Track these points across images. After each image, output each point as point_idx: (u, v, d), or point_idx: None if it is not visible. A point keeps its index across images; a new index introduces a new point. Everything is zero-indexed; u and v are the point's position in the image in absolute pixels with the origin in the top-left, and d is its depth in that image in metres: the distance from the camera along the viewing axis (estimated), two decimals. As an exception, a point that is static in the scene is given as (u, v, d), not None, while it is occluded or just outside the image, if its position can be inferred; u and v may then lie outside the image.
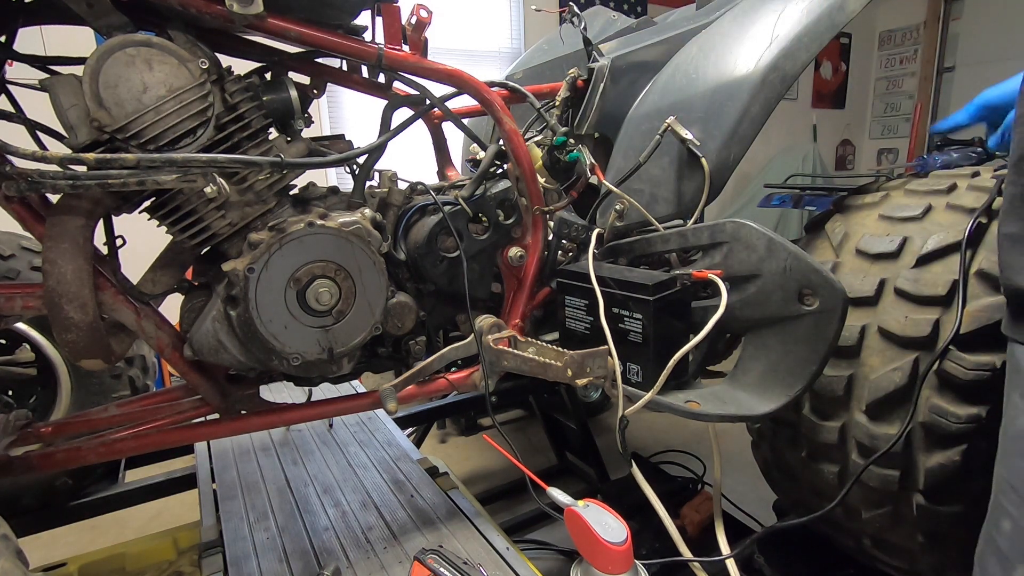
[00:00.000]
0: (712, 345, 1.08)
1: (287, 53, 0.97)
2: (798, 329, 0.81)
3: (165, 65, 0.77)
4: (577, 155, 1.11)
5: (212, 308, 0.87)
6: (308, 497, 1.23)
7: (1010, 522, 0.56)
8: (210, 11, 0.78)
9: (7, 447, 0.88)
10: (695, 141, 0.98)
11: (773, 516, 1.36)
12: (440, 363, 0.96)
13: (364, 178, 0.99)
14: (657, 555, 1.41)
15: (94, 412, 0.97)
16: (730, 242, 0.88)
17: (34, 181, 0.72)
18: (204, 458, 1.43)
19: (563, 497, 0.84)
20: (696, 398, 0.86)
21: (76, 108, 0.75)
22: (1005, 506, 0.57)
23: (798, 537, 1.22)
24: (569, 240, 1.12)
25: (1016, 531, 0.55)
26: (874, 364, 0.86)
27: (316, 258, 0.86)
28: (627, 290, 0.89)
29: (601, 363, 0.87)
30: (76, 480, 1.30)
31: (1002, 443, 0.59)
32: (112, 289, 0.84)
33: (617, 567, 0.76)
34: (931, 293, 0.81)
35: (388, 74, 1.02)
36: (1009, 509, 0.56)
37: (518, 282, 1.13)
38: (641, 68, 1.25)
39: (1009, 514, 0.56)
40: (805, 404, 0.95)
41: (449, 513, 1.14)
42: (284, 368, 0.91)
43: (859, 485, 0.89)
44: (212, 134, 0.80)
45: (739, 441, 1.46)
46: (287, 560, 1.02)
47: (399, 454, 1.40)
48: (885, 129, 5.40)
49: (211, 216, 0.84)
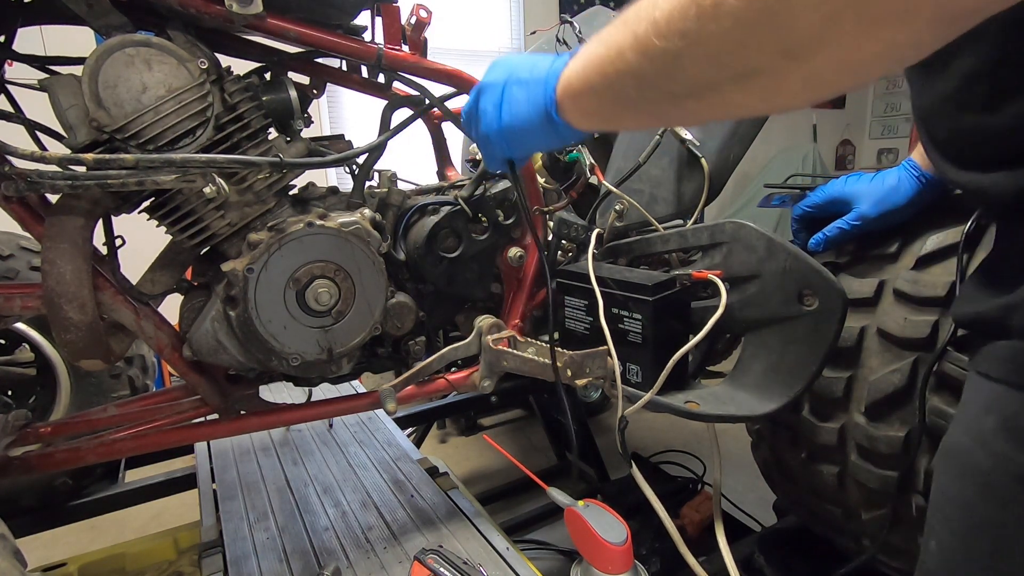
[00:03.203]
0: (712, 345, 1.08)
1: (287, 53, 0.97)
2: (798, 330, 0.81)
3: (164, 65, 0.77)
4: (577, 155, 1.11)
5: (211, 308, 0.87)
6: (308, 497, 1.23)
7: (935, 542, 0.53)
8: (209, 11, 0.78)
9: (6, 447, 0.88)
10: (695, 141, 0.98)
11: (773, 516, 1.36)
12: (440, 363, 0.96)
13: (364, 178, 0.99)
14: (657, 555, 1.41)
15: (93, 412, 0.97)
16: (730, 242, 0.88)
17: (33, 181, 0.72)
18: (204, 458, 1.43)
19: (563, 497, 0.84)
20: (696, 398, 0.86)
21: (75, 108, 0.75)
22: (933, 525, 0.54)
23: (798, 537, 1.22)
24: (569, 240, 1.12)
25: (941, 551, 0.52)
26: (873, 365, 0.86)
27: (315, 258, 0.86)
28: (627, 290, 0.89)
29: (601, 363, 0.87)
30: (76, 480, 1.30)
31: (935, 460, 0.57)
32: (111, 289, 0.84)
33: (617, 567, 0.76)
34: (930, 295, 0.81)
35: (388, 74, 1.02)
36: (936, 528, 0.53)
37: (518, 282, 1.13)
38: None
39: (936, 532, 0.53)
40: (804, 405, 0.95)
41: (449, 513, 1.14)
42: (283, 368, 0.91)
43: (858, 486, 0.89)
44: (211, 134, 0.80)
45: (739, 441, 1.46)
46: (287, 560, 1.02)
47: (399, 454, 1.40)
48: (885, 129, 5.40)
49: (210, 216, 0.84)
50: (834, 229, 0.90)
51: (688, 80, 0.39)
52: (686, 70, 0.39)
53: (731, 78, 0.37)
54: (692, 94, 0.40)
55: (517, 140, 0.60)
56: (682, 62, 0.38)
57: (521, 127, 0.59)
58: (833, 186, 0.92)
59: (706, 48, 0.36)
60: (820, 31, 0.31)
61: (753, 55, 0.35)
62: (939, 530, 0.53)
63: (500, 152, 0.65)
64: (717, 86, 0.38)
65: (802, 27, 0.32)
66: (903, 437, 0.82)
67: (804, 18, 0.31)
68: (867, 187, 0.87)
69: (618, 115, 0.52)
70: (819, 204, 0.93)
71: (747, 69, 0.36)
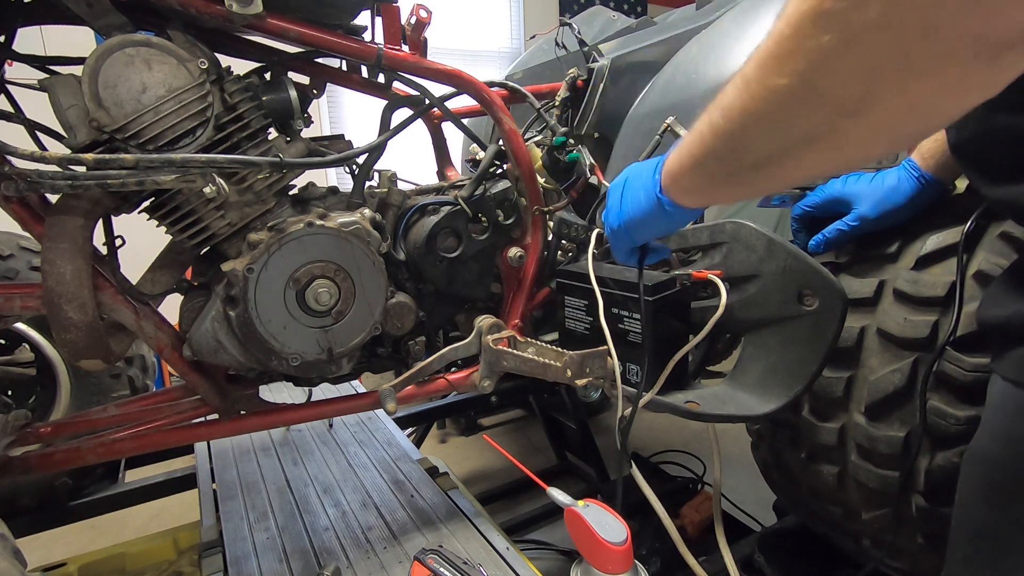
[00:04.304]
0: (712, 345, 1.08)
1: (286, 53, 0.97)
2: (798, 329, 0.81)
3: (164, 65, 0.77)
4: (577, 155, 1.11)
5: (211, 308, 0.87)
6: (308, 497, 1.23)
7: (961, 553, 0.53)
8: (209, 11, 0.78)
9: (6, 447, 0.88)
10: (695, 141, 0.98)
11: (773, 516, 1.36)
12: (440, 363, 0.96)
13: (364, 178, 0.99)
14: (657, 555, 1.41)
15: (93, 412, 0.97)
16: (729, 242, 0.88)
17: (33, 181, 0.72)
18: (204, 458, 1.43)
19: (563, 497, 0.83)
20: (696, 398, 0.86)
21: (75, 108, 0.75)
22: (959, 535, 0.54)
23: (798, 537, 1.22)
24: (569, 240, 1.12)
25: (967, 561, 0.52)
26: (873, 365, 0.86)
27: (315, 258, 0.86)
28: (627, 290, 0.89)
29: (600, 363, 0.87)
30: (76, 480, 1.30)
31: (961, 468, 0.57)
32: (111, 289, 0.84)
33: (617, 567, 0.76)
34: (930, 295, 0.81)
35: (388, 74, 1.02)
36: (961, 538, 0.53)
37: (518, 282, 1.13)
38: (641, 68, 1.25)
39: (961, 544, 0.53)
40: (804, 405, 0.95)
41: (449, 513, 1.14)
42: (283, 368, 0.90)
43: (858, 486, 0.89)
44: (211, 134, 0.80)
45: (739, 441, 1.46)
46: (287, 560, 1.02)
47: (399, 454, 1.40)
48: (885, 129, 5.39)
49: (210, 216, 0.84)
50: (834, 230, 0.90)
51: (758, 151, 0.43)
52: (753, 143, 0.43)
53: (795, 145, 0.40)
54: (767, 163, 0.44)
55: (636, 227, 0.68)
56: (748, 138, 0.43)
57: (638, 215, 0.66)
58: (832, 186, 0.92)
59: (764, 123, 0.41)
60: (863, 91, 0.33)
61: (806, 124, 0.38)
62: (965, 540, 0.52)
63: (627, 243, 0.72)
64: (787, 152, 0.41)
65: (844, 90, 0.33)
66: (903, 437, 0.82)
67: (845, 82, 0.33)
68: (867, 187, 0.87)
69: (714, 189, 0.56)
70: (819, 204, 0.93)
71: (806, 136, 0.38)
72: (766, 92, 0.38)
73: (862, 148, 0.38)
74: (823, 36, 0.32)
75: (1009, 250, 0.76)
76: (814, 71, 0.34)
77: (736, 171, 0.48)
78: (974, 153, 0.56)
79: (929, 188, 0.84)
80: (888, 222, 0.87)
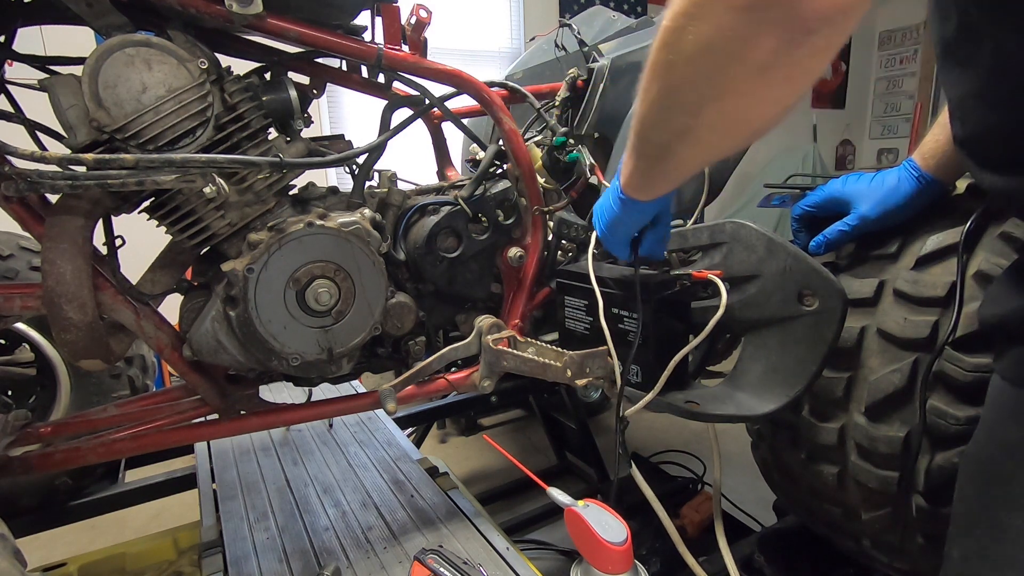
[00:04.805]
0: (712, 345, 1.08)
1: (286, 53, 0.97)
2: (798, 330, 0.81)
3: (164, 65, 0.77)
4: (577, 155, 1.11)
5: (211, 308, 0.87)
6: (308, 497, 1.23)
7: (958, 551, 0.53)
8: (209, 11, 0.78)
9: (6, 447, 0.87)
10: (695, 141, 0.98)
11: (773, 516, 1.36)
12: (440, 363, 0.96)
13: (364, 178, 0.99)
14: (657, 555, 1.41)
15: (93, 412, 0.97)
16: (730, 242, 0.88)
17: (33, 181, 0.72)
18: (204, 458, 1.43)
19: (563, 497, 0.83)
20: (696, 398, 0.86)
21: (75, 108, 0.75)
22: (955, 534, 0.54)
23: (798, 537, 1.22)
24: (569, 240, 1.12)
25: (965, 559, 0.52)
26: (873, 365, 0.86)
27: (315, 258, 0.86)
28: (627, 290, 0.89)
29: (601, 363, 0.87)
30: (76, 480, 1.30)
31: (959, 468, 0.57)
32: (111, 289, 0.84)
33: (617, 567, 0.76)
34: (930, 295, 0.81)
35: (388, 74, 1.02)
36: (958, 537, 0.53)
37: (518, 282, 1.13)
38: (641, 68, 1.25)
39: (958, 542, 0.53)
40: (804, 405, 0.95)
41: (449, 513, 1.14)
42: (283, 368, 0.90)
43: (858, 486, 0.89)
44: (211, 134, 0.80)
45: (739, 441, 1.46)
46: (287, 560, 1.02)
47: (399, 454, 1.40)
48: (885, 129, 5.39)
49: (210, 216, 0.84)
50: (834, 231, 0.90)
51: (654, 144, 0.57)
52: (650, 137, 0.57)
53: (671, 139, 0.53)
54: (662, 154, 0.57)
55: (615, 227, 0.78)
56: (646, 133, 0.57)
57: (614, 218, 0.76)
58: (832, 186, 0.91)
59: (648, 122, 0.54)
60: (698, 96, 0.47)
61: (674, 122, 0.51)
62: (962, 539, 0.52)
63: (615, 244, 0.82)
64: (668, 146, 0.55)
65: (685, 96, 0.48)
66: (903, 437, 0.82)
67: (685, 90, 0.47)
68: (867, 188, 0.87)
69: (646, 181, 0.67)
70: (819, 203, 0.93)
71: (676, 131, 0.52)
72: (647, 97, 0.51)
73: (716, 140, 0.51)
74: (668, 54, 0.45)
75: (1009, 250, 0.76)
76: (666, 81, 0.47)
77: (648, 164, 0.61)
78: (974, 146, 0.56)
79: (929, 188, 0.84)
80: (888, 222, 0.87)
